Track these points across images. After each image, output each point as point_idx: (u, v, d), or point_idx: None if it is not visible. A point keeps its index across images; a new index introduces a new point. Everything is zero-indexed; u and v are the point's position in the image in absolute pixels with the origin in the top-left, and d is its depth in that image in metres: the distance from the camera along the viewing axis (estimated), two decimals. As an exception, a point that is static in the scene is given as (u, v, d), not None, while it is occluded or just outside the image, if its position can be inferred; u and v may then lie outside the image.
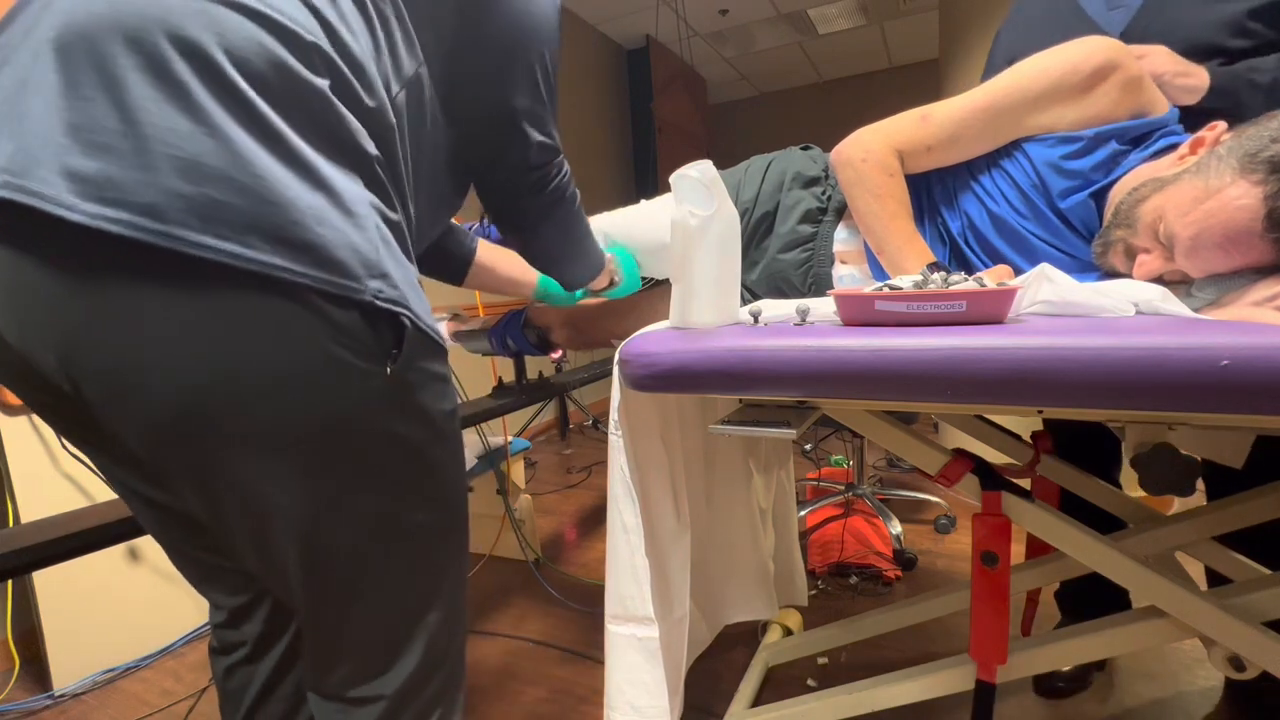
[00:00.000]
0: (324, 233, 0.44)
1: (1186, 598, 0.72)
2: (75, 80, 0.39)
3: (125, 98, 0.39)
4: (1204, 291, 0.73)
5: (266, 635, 0.70)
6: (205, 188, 0.40)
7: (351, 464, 0.51)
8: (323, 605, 0.56)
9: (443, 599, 0.61)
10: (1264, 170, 0.66)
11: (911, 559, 1.84)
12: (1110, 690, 1.28)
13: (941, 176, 0.96)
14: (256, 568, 0.57)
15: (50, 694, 1.53)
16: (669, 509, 0.88)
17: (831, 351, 0.64)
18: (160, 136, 0.39)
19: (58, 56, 0.39)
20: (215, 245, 0.40)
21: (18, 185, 0.38)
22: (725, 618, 1.28)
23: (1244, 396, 0.50)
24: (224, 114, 0.41)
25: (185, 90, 0.40)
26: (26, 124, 0.39)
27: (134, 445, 0.47)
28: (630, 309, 1.28)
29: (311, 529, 0.52)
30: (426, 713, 0.61)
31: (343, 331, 0.47)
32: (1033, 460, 1.03)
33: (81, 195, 0.38)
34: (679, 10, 3.95)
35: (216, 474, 0.48)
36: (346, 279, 0.45)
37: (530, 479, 2.98)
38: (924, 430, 2.58)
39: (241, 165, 0.41)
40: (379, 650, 0.58)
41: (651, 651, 0.83)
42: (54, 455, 1.57)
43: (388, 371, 0.50)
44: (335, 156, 0.47)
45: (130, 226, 0.38)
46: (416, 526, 0.57)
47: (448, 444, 0.60)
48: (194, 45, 0.40)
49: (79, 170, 0.38)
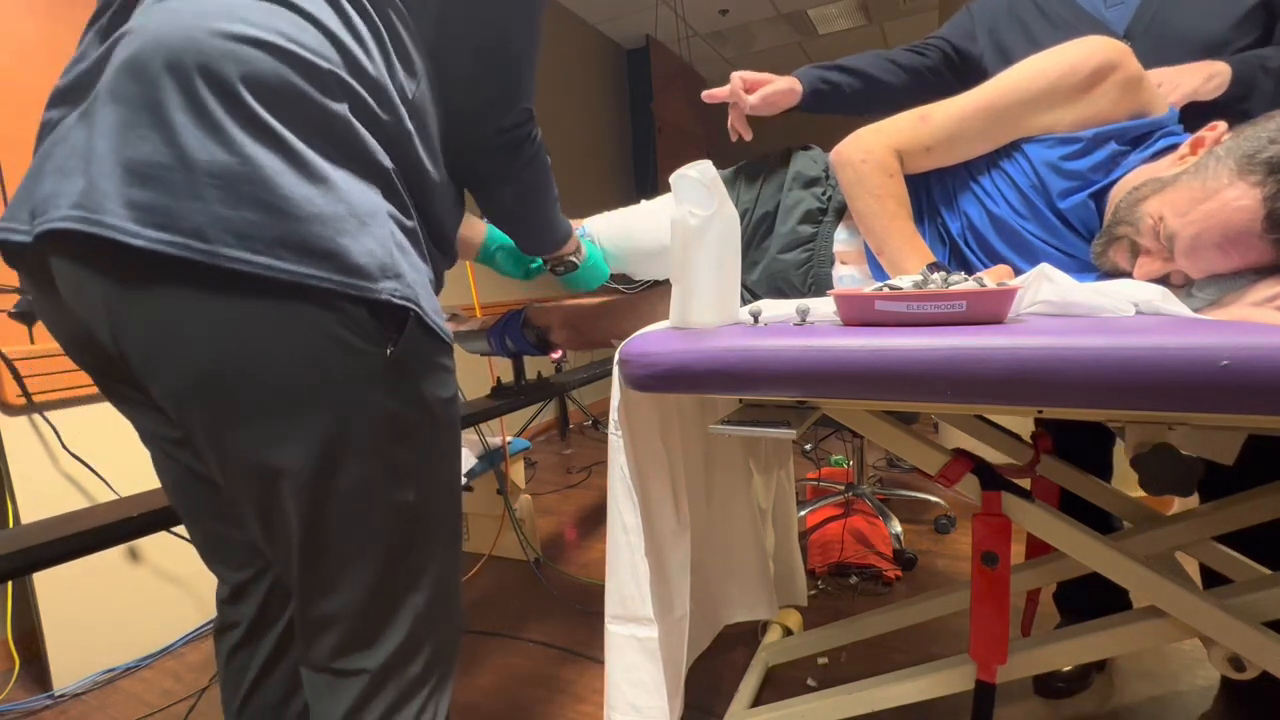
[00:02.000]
0: (344, 242, 0.51)
1: (1186, 598, 0.73)
2: (132, 122, 0.47)
3: (174, 137, 0.47)
4: (1204, 291, 0.74)
5: (263, 616, 0.74)
6: (241, 210, 0.48)
7: (346, 433, 0.56)
8: (313, 573, 0.60)
9: (429, 582, 0.64)
10: (1262, 171, 0.67)
11: (911, 559, 1.84)
12: (1110, 690, 1.28)
13: (941, 177, 0.96)
14: (259, 534, 0.61)
15: (50, 694, 1.54)
16: (669, 509, 0.88)
17: (831, 351, 0.64)
18: (202, 168, 0.47)
19: (116, 104, 0.48)
20: (248, 259, 0.48)
21: (92, 220, 0.46)
22: (725, 618, 1.28)
23: (1244, 396, 0.50)
24: (254, 143, 0.48)
25: (220, 125, 0.48)
26: (94, 164, 0.47)
27: (167, 407, 0.56)
28: (630, 309, 1.28)
29: (308, 494, 0.56)
30: (411, 693, 0.64)
31: (351, 319, 0.53)
32: (1033, 460, 1.03)
33: (141, 223, 0.46)
34: (679, 10, 3.95)
35: (229, 435, 0.55)
36: (363, 280, 0.53)
37: (530, 479, 2.98)
38: (924, 430, 2.58)
39: (270, 188, 0.48)
40: (363, 623, 0.61)
41: (651, 651, 0.83)
42: (54, 456, 1.57)
43: (387, 353, 0.56)
44: (355, 170, 0.54)
45: (182, 248, 0.47)
46: (405, 505, 0.61)
47: (443, 431, 0.65)
48: (226, 83, 0.48)
49: (138, 201, 0.46)
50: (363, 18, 0.57)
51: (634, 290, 1.35)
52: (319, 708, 0.63)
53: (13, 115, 1.52)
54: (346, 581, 0.60)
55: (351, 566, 0.59)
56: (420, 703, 0.65)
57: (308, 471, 0.55)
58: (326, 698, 0.62)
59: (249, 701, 0.75)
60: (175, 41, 0.48)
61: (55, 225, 0.47)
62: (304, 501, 0.56)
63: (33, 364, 1.53)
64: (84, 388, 1.61)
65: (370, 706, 0.62)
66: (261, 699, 0.75)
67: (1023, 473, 1.01)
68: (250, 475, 0.56)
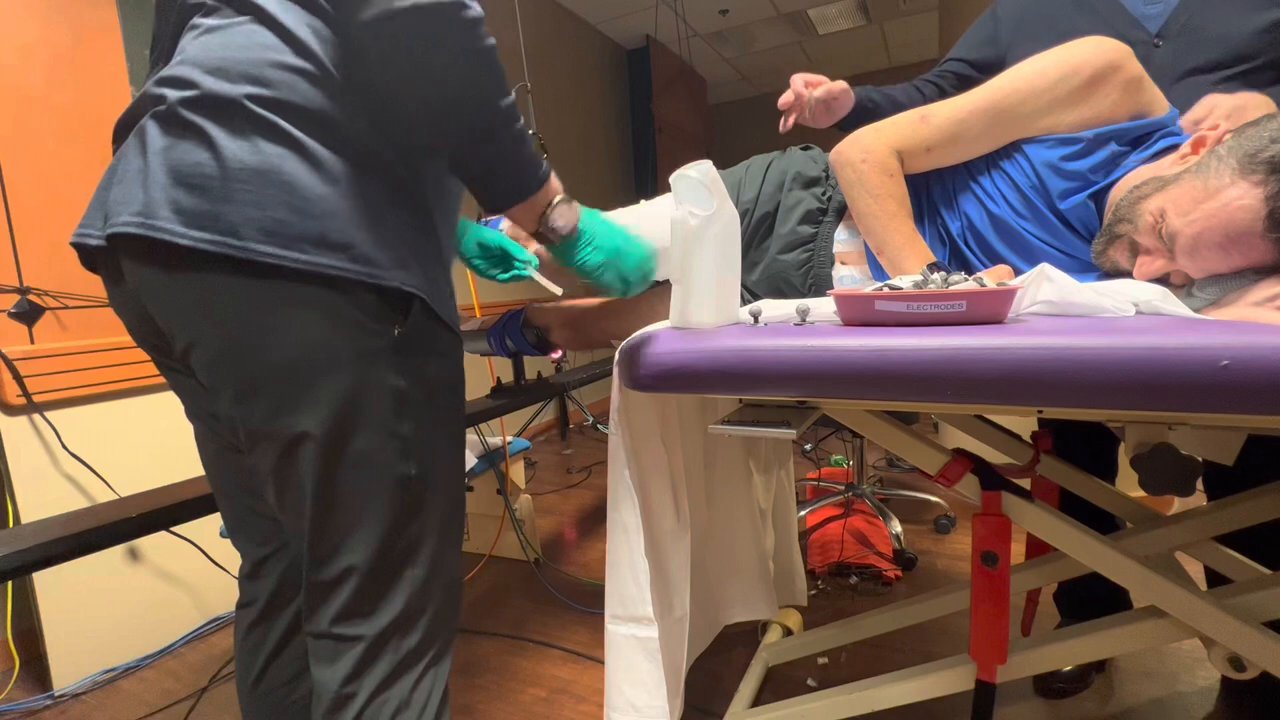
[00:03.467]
0: (358, 234, 0.59)
1: (1186, 598, 0.73)
2: (177, 140, 0.57)
3: (217, 151, 0.55)
4: (1205, 291, 0.74)
5: (280, 592, 0.79)
6: (269, 210, 0.56)
7: (355, 404, 0.61)
8: (321, 538, 0.64)
9: (425, 558, 0.68)
10: (1264, 170, 0.66)
11: (911, 559, 1.84)
12: (1110, 690, 1.28)
13: (941, 177, 0.96)
14: (273, 499, 0.66)
15: (50, 694, 1.54)
16: (669, 509, 0.88)
17: (832, 351, 0.64)
18: (236, 175, 0.55)
19: (164, 126, 0.57)
20: (274, 252, 0.56)
21: (149, 225, 0.56)
22: (725, 618, 1.28)
23: (1244, 396, 0.50)
24: (281, 150, 0.57)
25: (257, 136, 0.56)
26: (150, 176, 0.57)
27: (202, 377, 0.64)
28: (630, 309, 1.28)
29: (320, 460, 0.61)
30: (407, 665, 0.67)
31: (363, 302, 0.60)
32: (1032, 460, 1.03)
33: (186, 224, 0.55)
34: (679, 10, 3.95)
35: (251, 401, 0.61)
36: (374, 268, 0.59)
37: (530, 479, 2.98)
38: (924, 430, 2.58)
39: (293, 190, 0.57)
40: (365, 589, 0.65)
41: (651, 651, 0.83)
42: (54, 456, 1.57)
43: (395, 333, 0.62)
44: (370, 171, 0.61)
45: (220, 244, 0.55)
46: (406, 478, 0.65)
47: (445, 413, 0.70)
48: (256, 97, 0.56)
49: (185, 206, 0.56)
50: (309, 23, 0.60)
51: (634, 290, 1.35)
52: (320, 675, 0.66)
53: (13, 115, 1.52)
54: (350, 547, 0.64)
55: (356, 533, 0.64)
56: (416, 675, 0.67)
57: (320, 438, 0.61)
58: (326, 665, 0.65)
59: (262, 678, 0.79)
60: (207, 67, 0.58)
61: (119, 230, 0.57)
62: (315, 467, 0.62)
63: (33, 364, 1.53)
64: (84, 388, 1.62)
65: (368, 674, 0.65)
66: (274, 676, 0.79)
67: (1023, 473, 1.01)
68: (269, 440, 0.62)
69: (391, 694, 0.65)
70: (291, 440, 0.61)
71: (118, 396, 1.70)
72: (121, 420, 1.70)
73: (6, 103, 1.51)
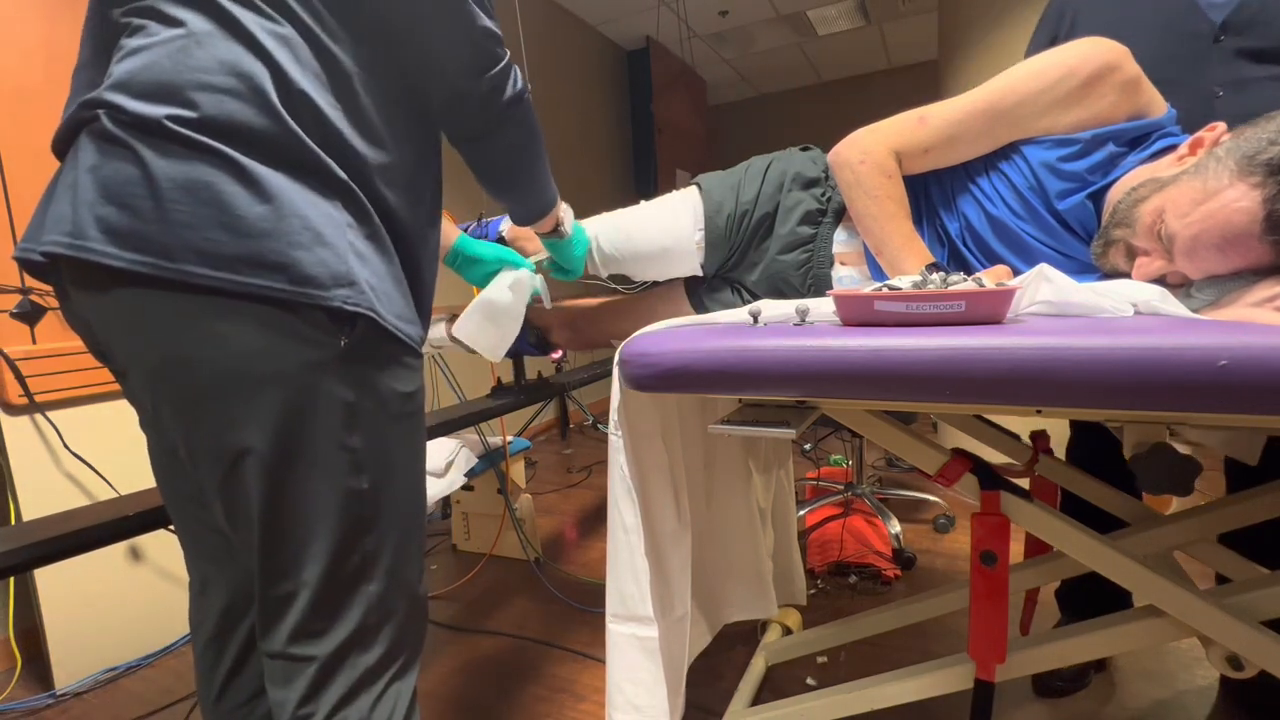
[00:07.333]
0: (298, 255, 0.57)
1: (1185, 597, 0.73)
2: (106, 158, 0.55)
3: (146, 170, 0.54)
4: (1203, 292, 0.74)
5: (231, 609, 0.76)
6: (201, 230, 0.54)
7: (300, 418, 0.59)
8: (271, 555, 0.62)
9: (382, 572, 0.66)
10: (1262, 173, 0.67)
11: (910, 558, 1.84)
12: (1109, 690, 1.28)
13: (939, 178, 0.97)
14: (222, 516, 0.64)
15: (52, 693, 1.54)
16: (669, 509, 0.88)
17: (831, 351, 0.64)
18: (169, 195, 0.53)
19: (96, 143, 0.56)
20: (209, 274, 0.54)
21: (78, 245, 0.54)
22: (725, 617, 1.28)
23: (1242, 396, 0.51)
24: (216, 171, 0.55)
25: (186, 155, 0.54)
26: (78, 194, 0.55)
27: (142, 392, 0.64)
28: (630, 309, 1.28)
29: (266, 476, 0.59)
30: (366, 682, 0.65)
31: (306, 318, 0.58)
32: (1031, 460, 1.03)
33: (118, 245, 0.54)
34: (679, 11, 3.95)
35: (192, 416, 0.60)
36: (315, 289, 0.57)
37: (531, 479, 2.98)
38: (923, 430, 2.58)
39: (225, 208, 0.55)
40: (318, 608, 0.63)
41: (651, 651, 0.83)
42: (55, 454, 1.57)
43: (341, 343, 0.60)
44: (313, 186, 0.59)
45: (153, 267, 0.54)
46: (357, 492, 0.63)
47: (399, 422, 0.67)
48: (184, 119, 0.54)
49: (115, 227, 0.54)
50: (275, 34, 0.59)
51: (634, 290, 1.35)
52: (276, 696, 0.64)
53: (13, 115, 1.52)
54: (301, 564, 0.62)
55: (307, 550, 0.62)
56: (377, 693, 0.65)
57: (264, 453, 0.59)
58: (282, 686, 0.64)
59: (222, 699, 0.76)
60: (142, 87, 0.56)
61: (48, 249, 0.56)
62: (262, 483, 0.60)
63: (34, 364, 1.53)
64: (85, 388, 1.62)
65: (324, 694, 0.63)
66: (232, 697, 0.77)
67: (1022, 472, 1.02)
68: (212, 456, 0.60)
69: (349, 713, 0.64)
70: (235, 455, 0.59)
71: (119, 396, 1.69)
72: (122, 420, 1.70)
73: (7, 102, 1.52)
